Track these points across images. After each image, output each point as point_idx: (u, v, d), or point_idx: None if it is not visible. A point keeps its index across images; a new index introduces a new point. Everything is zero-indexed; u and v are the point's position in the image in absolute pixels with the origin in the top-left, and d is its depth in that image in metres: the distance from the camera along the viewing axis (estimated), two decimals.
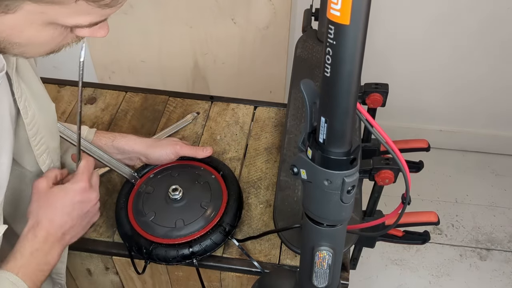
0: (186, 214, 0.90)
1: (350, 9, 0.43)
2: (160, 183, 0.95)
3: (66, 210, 0.76)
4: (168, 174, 0.98)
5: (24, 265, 0.70)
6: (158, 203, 0.93)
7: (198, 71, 1.80)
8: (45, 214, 0.74)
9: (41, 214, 0.74)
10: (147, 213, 0.91)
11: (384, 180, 0.88)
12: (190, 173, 0.98)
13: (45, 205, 0.75)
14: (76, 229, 0.78)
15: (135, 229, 0.90)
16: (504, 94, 1.85)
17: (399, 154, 0.57)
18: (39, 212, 0.74)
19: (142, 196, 0.94)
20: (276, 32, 1.64)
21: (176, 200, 0.91)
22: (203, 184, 0.95)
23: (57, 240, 0.75)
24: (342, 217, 0.60)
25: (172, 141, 1.00)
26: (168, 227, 0.89)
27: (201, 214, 0.91)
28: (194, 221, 0.90)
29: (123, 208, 0.94)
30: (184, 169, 0.99)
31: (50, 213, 0.75)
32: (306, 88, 0.55)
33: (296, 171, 0.58)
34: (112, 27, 0.65)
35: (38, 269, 0.72)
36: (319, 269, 0.65)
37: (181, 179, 0.95)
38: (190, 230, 0.89)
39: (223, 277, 0.94)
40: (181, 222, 0.89)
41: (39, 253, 0.72)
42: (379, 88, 1.00)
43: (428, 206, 1.86)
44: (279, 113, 1.20)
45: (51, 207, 0.75)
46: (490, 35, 1.68)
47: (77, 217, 0.77)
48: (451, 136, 2.01)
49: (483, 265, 1.72)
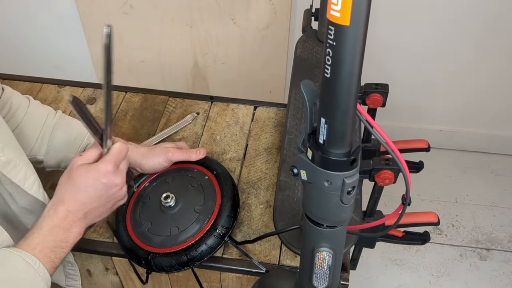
0: (180, 220, 0.89)
1: (350, 10, 0.43)
2: (155, 190, 0.94)
3: (89, 190, 0.75)
4: (162, 180, 0.96)
5: (42, 242, 0.71)
6: (153, 211, 0.91)
7: (198, 71, 1.80)
8: (68, 191, 0.75)
9: (64, 191, 0.75)
10: (144, 223, 0.90)
11: (384, 181, 0.88)
12: (183, 177, 0.96)
13: (70, 182, 0.75)
14: (100, 210, 0.78)
15: (133, 240, 0.90)
16: (504, 94, 1.85)
17: (399, 154, 0.57)
18: (63, 188, 0.75)
19: (138, 206, 0.93)
20: (276, 32, 1.64)
21: (170, 207, 0.90)
22: (197, 187, 0.93)
23: (78, 218, 0.75)
24: (342, 218, 0.60)
25: (163, 148, 0.97)
26: (163, 235, 0.88)
27: (195, 219, 0.89)
28: (189, 227, 0.88)
29: (121, 220, 0.93)
30: (178, 173, 0.97)
31: (73, 191, 0.75)
32: (306, 89, 0.54)
33: (296, 172, 0.58)
34: (112, 27, 0.65)
35: (56, 245, 0.72)
36: (319, 270, 0.65)
37: (175, 185, 0.94)
38: (184, 236, 0.87)
39: (223, 277, 0.94)
40: (175, 230, 0.88)
41: (58, 230, 0.73)
42: (379, 88, 0.99)
43: (428, 206, 1.86)
44: (279, 113, 1.20)
45: (75, 185, 0.75)
46: (490, 35, 1.67)
47: (100, 197, 0.77)
48: (451, 136, 2.01)
49: (483, 265, 1.72)
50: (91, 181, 0.75)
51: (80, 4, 1.68)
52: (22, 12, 1.79)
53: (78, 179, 0.75)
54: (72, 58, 1.89)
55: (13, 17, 1.81)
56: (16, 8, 1.78)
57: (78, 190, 0.75)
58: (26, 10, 1.79)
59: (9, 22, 1.83)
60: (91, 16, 1.70)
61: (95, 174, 0.76)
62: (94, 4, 1.66)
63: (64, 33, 1.82)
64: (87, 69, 1.87)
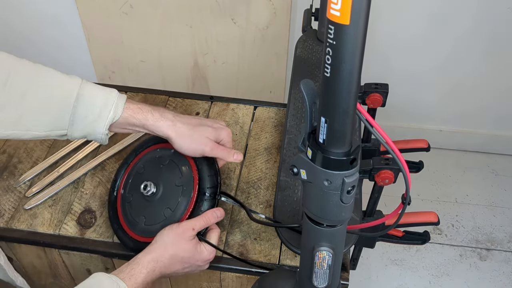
0: (169, 201, 0.89)
1: (350, 9, 0.43)
2: (133, 187, 0.94)
3: (185, 265, 0.83)
4: (135, 175, 0.96)
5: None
6: (141, 205, 0.91)
7: (198, 71, 1.80)
8: (173, 257, 0.81)
9: (168, 254, 0.81)
10: (138, 220, 0.90)
11: (384, 180, 0.88)
12: (152, 161, 0.95)
13: (179, 249, 0.82)
14: (175, 269, 0.84)
15: (138, 240, 0.90)
16: (504, 94, 1.85)
17: (399, 154, 0.57)
18: (168, 249, 0.81)
19: (126, 208, 0.93)
20: (276, 32, 1.64)
21: (154, 194, 0.90)
22: (168, 164, 0.92)
23: (156, 275, 0.81)
24: (342, 218, 0.60)
25: (205, 138, 0.88)
26: (160, 222, 0.88)
27: (181, 193, 0.89)
28: (179, 203, 0.88)
29: (121, 231, 0.93)
30: (145, 160, 0.96)
31: (176, 260, 0.82)
32: (306, 88, 0.55)
33: (296, 171, 0.58)
34: (112, 27, 0.65)
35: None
36: (319, 269, 0.65)
37: (147, 172, 0.94)
38: (179, 213, 0.88)
39: (223, 277, 0.94)
40: (168, 211, 0.88)
41: (147, 286, 0.79)
42: (379, 88, 1.00)
43: (428, 206, 1.86)
44: (279, 113, 1.20)
45: (181, 256, 0.82)
46: (490, 36, 1.68)
47: (184, 270, 0.84)
48: (451, 136, 2.01)
49: (483, 265, 1.72)
50: (193, 261, 0.83)
51: (80, 4, 1.68)
52: (22, 12, 1.79)
53: (186, 255, 0.82)
54: (72, 58, 1.89)
55: (13, 17, 1.81)
56: (16, 8, 1.78)
57: (178, 261, 0.82)
58: (26, 10, 1.79)
59: (8, 22, 1.83)
60: (91, 16, 1.70)
61: (198, 257, 0.83)
62: (94, 4, 1.66)
63: (64, 33, 1.82)
64: (87, 69, 1.87)
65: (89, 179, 1.05)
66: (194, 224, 0.83)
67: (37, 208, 1.00)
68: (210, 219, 0.86)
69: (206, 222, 0.85)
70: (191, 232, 0.83)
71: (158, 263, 0.79)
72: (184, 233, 0.82)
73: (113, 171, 1.07)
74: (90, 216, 0.99)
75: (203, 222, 0.85)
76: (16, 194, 1.03)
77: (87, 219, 0.98)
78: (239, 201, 0.92)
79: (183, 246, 0.81)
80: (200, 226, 0.84)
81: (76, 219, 0.98)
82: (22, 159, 1.09)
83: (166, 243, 0.81)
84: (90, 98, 0.80)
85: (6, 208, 1.00)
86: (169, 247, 0.81)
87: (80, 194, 1.03)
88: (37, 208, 1.00)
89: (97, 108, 0.80)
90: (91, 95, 0.80)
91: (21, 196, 1.02)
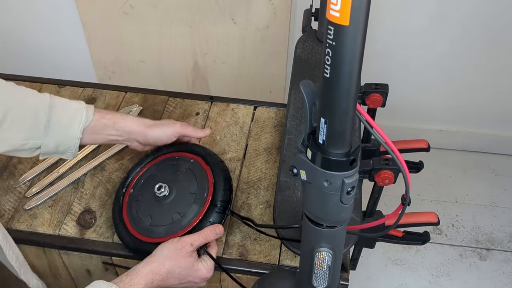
0: (179, 206, 0.90)
1: (350, 10, 0.43)
2: (145, 187, 0.95)
3: (182, 281, 0.83)
4: (149, 175, 0.97)
5: None
6: (150, 206, 0.92)
7: (198, 71, 1.79)
8: (170, 272, 0.81)
9: (166, 268, 0.81)
10: (144, 219, 0.91)
11: (384, 181, 0.88)
12: (169, 167, 0.97)
13: (177, 265, 0.81)
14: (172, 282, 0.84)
15: (140, 239, 0.90)
16: (504, 94, 1.85)
17: (399, 154, 0.57)
18: (166, 263, 0.81)
19: (133, 205, 0.94)
20: (276, 32, 1.64)
21: (166, 196, 0.91)
22: (185, 172, 0.94)
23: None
24: (341, 218, 0.60)
25: (172, 122, 0.98)
26: (166, 224, 0.89)
27: (193, 200, 0.90)
28: (189, 209, 0.89)
29: (123, 226, 0.93)
30: (162, 165, 0.98)
31: (172, 275, 0.81)
32: (306, 89, 0.54)
33: (296, 172, 0.58)
34: (112, 27, 0.65)
35: None
36: (319, 270, 0.65)
37: (163, 176, 0.95)
38: (188, 219, 0.88)
39: (223, 277, 0.94)
40: (177, 215, 0.89)
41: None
42: (379, 88, 0.99)
43: (428, 206, 1.86)
44: (279, 113, 1.20)
45: (178, 272, 0.82)
46: (491, 36, 1.67)
47: (181, 285, 0.85)
48: (451, 136, 2.01)
49: (483, 265, 1.71)
50: (190, 278, 0.83)
51: (80, 4, 1.68)
52: (21, 12, 1.79)
53: (185, 272, 0.82)
54: (72, 58, 1.89)
55: (13, 16, 1.81)
56: (15, 8, 1.78)
57: (176, 276, 0.82)
58: (26, 10, 1.79)
59: (8, 21, 1.83)
60: (91, 16, 1.70)
61: (194, 274, 0.84)
62: (94, 4, 1.66)
63: (64, 33, 1.82)
64: (87, 69, 1.87)
65: (89, 180, 1.05)
66: (193, 240, 0.84)
67: (37, 208, 1.00)
68: (210, 236, 0.86)
69: (206, 238, 0.85)
70: (189, 247, 0.83)
71: (156, 276, 0.80)
72: (183, 248, 0.82)
73: (113, 171, 1.07)
74: (90, 216, 0.99)
75: (203, 239, 0.85)
76: (16, 194, 1.03)
77: (87, 220, 0.98)
78: (248, 219, 0.92)
79: (180, 262, 0.82)
80: (199, 243, 0.84)
81: (76, 220, 0.98)
82: (22, 159, 1.09)
83: (165, 256, 0.82)
84: (62, 105, 0.86)
85: (6, 208, 1.00)
86: (166, 262, 0.81)
87: (80, 195, 1.03)
88: (37, 208, 1.00)
89: (71, 110, 0.86)
90: (63, 103, 0.87)
91: (21, 197, 1.02)
